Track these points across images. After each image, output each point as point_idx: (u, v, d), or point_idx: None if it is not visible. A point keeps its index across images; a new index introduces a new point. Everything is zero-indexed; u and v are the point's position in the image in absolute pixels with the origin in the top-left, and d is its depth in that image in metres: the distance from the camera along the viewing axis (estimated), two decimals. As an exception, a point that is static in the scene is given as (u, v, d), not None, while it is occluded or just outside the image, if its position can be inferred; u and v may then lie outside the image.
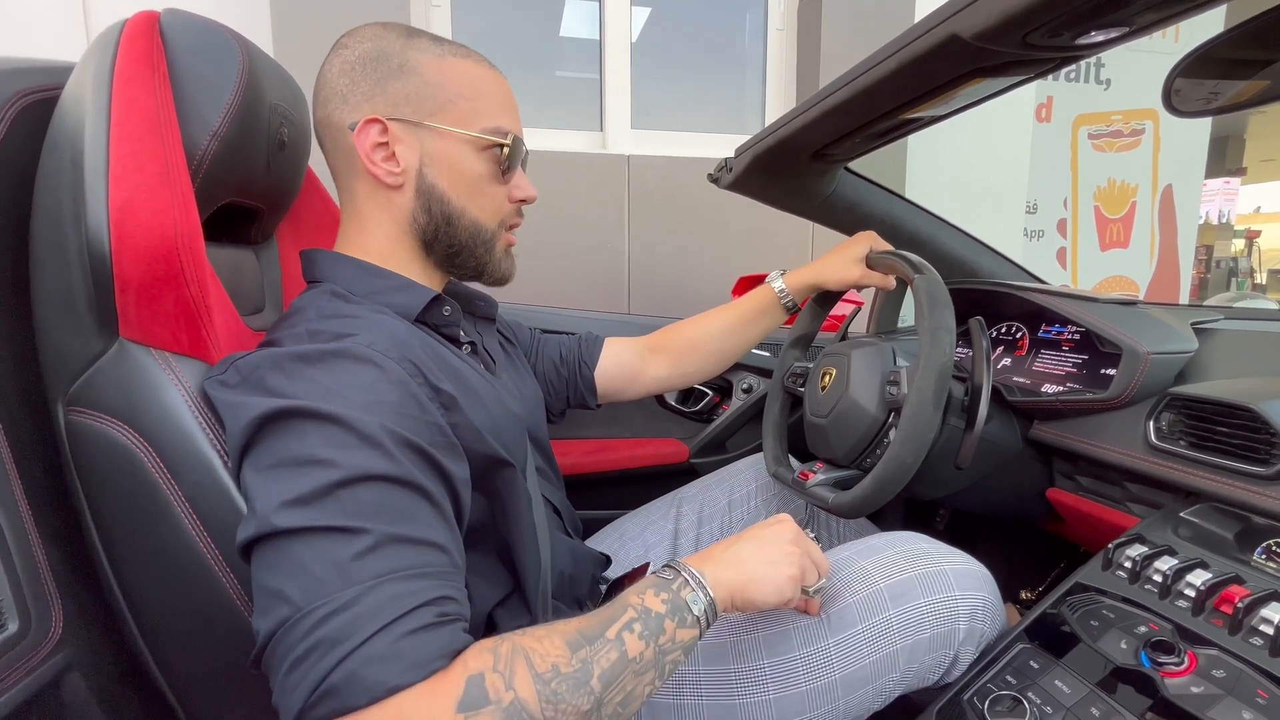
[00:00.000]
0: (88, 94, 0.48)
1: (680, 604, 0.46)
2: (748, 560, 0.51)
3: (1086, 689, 0.48)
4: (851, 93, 0.65)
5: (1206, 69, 0.58)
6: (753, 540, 0.52)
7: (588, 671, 0.40)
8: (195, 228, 0.48)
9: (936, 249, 1.02)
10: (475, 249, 0.60)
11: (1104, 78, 2.53)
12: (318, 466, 0.41)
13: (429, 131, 0.56)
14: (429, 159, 0.56)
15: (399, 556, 0.40)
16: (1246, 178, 6.84)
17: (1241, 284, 6.74)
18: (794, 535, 0.54)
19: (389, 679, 0.36)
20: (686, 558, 0.50)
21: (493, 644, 0.40)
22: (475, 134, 0.57)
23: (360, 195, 0.57)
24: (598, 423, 1.17)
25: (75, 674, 0.49)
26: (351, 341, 0.46)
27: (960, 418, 0.75)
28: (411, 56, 0.55)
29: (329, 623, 0.37)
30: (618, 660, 0.41)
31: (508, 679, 0.38)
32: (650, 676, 0.43)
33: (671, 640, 0.44)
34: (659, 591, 0.46)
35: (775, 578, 0.50)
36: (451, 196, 0.57)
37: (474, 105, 0.57)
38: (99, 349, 0.47)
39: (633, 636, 0.42)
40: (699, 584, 0.47)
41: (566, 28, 1.78)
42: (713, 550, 0.52)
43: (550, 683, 0.39)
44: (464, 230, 0.59)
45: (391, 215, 0.57)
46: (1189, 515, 0.62)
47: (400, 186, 0.56)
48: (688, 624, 0.45)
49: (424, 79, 0.55)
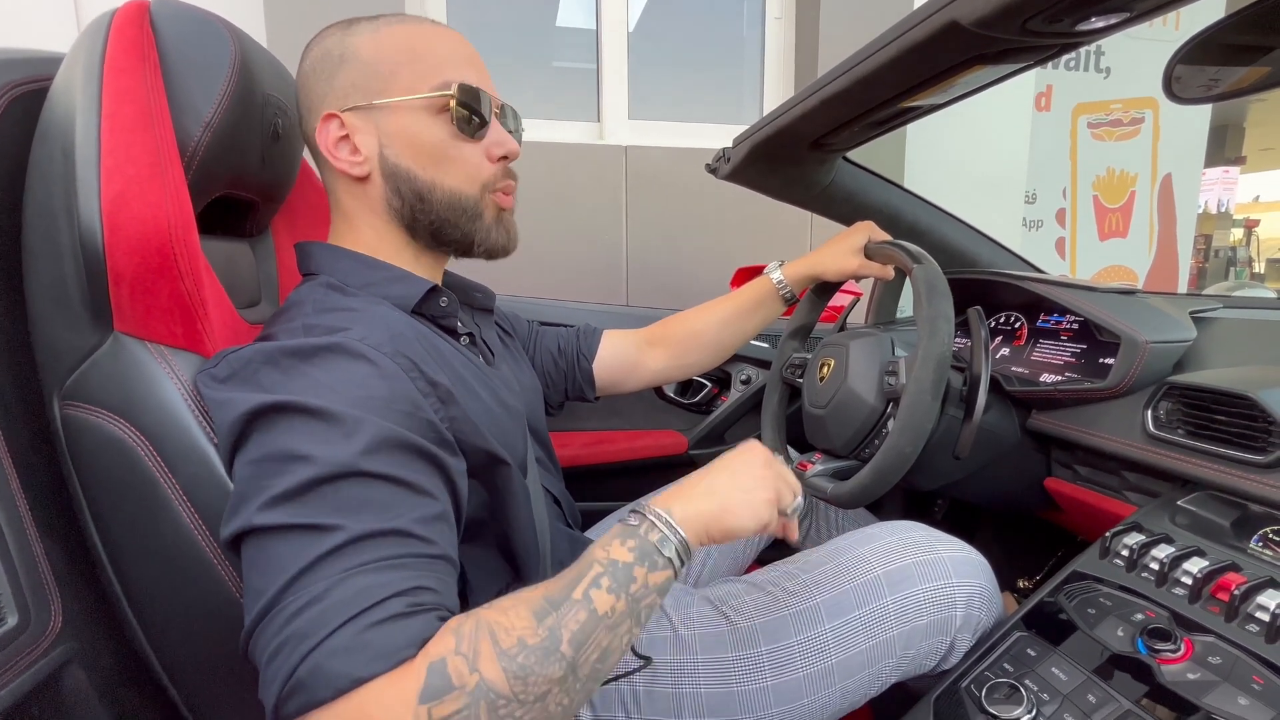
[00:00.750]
0: (78, 85, 0.47)
1: (649, 548, 0.44)
2: (721, 489, 0.48)
3: (1083, 676, 0.49)
4: (850, 81, 0.64)
5: (1207, 55, 0.57)
6: (724, 470, 0.50)
7: (556, 638, 0.39)
8: (189, 220, 0.48)
9: (935, 239, 1.01)
10: (459, 221, 0.57)
11: (1104, 66, 2.51)
12: (302, 462, 0.40)
13: (379, 111, 0.54)
14: (386, 139, 0.55)
15: (374, 549, 0.39)
16: (1246, 166, 6.83)
17: (1240, 273, 6.75)
18: (765, 459, 0.52)
19: (353, 670, 0.35)
20: (653, 498, 0.48)
21: (456, 623, 0.39)
22: (421, 96, 0.54)
23: (339, 194, 0.58)
24: (596, 415, 1.17)
25: (76, 667, 0.49)
26: (345, 336, 0.46)
27: (959, 408, 0.75)
28: (349, 43, 0.55)
29: (300, 617, 0.37)
30: (587, 620, 0.40)
31: (471, 660, 0.37)
32: (626, 627, 0.42)
33: (644, 587, 0.43)
34: (625, 539, 0.44)
35: (751, 503, 0.48)
36: (418, 171, 0.55)
37: (415, 68, 0.54)
38: (93, 342, 0.47)
39: (600, 592, 0.41)
40: (666, 524, 0.45)
41: (563, 17, 1.76)
42: (682, 486, 0.49)
43: (516, 658, 0.38)
44: (440, 203, 0.56)
45: (369, 206, 0.57)
46: (1186, 503, 0.62)
47: (368, 176, 0.55)
48: (659, 566, 0.44)
49: (363, 60, 0.54)
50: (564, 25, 1.76)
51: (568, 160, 1.59)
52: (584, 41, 1.74)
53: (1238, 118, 6.17)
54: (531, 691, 0.38)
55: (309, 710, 0.36)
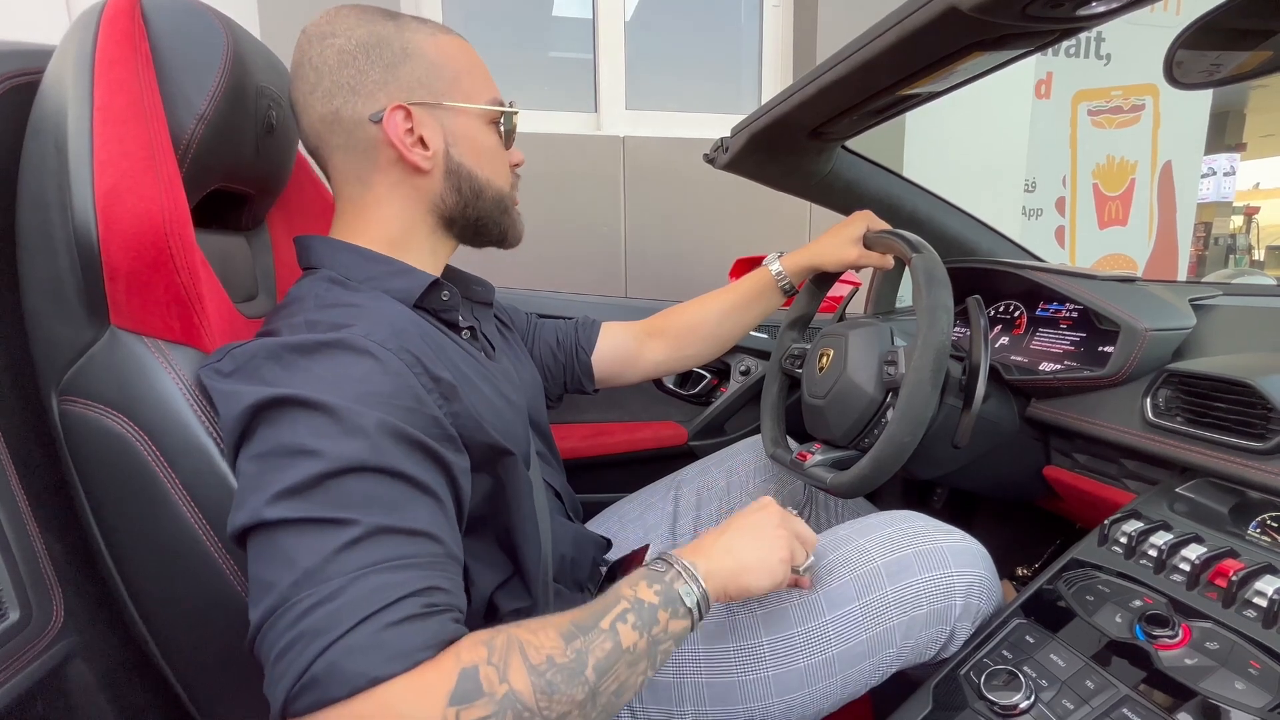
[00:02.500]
0: (69, 77, 0.47)
1: (673, 595, 0.46)
2: (739, 549, 0.51)
3: (1081, 662, 0.49)
4: (848, 69, 0.64)
5: (1208, 40, 0.57)
6: (741, 529, 0.53)
7: (582, 662, 0.40)
8: (184, 213, 0.48)
9: (935, 228, 1.01)
10: (499, 217, 0.63)
11: (1104, 52, 2.49)
12: (308, 457, 0.40)
13: (446, 111, 0.57)
14: (453, 138, 0.58)
15: (387, 547, 0.40)
16: (1246, 153, 6.80)
17: (1240, 260, 6.74)
18: (779, 519, 0.55)
19: (370, 670, 0.36)
20: (678, 550, 0.51)
21: (488, 636, 0.40)
22: (483, 107, 0.59)
23: (380, 186, 0.57)
24: (596, 407, 1.17)
25: (78, 662, 0.50)
26: (348, 332, 0.46)
27: (958, 397, 0.75)
28: (410, 39, 0.55)
29: (313, 614, 0.37)
30: (612, 650, 0.42)
31: (502, 671, 0.38)
32: (643, 666, 0.44)
33: (664, 630, 0.45)
34: (652, 583, 0.46)
35: (767, 562, 0.51)
36: (477, 171, 0.60)
37: (474, 80, 0.59)
38: (90, 338, 0.47)
39: (626, 627, 0.43)
40: (691, 576, 0.48)
41: (559, 7, 1.74)
42: (702, 542, 0.52)
43: (545, 674, 0.39)
44: (489, 201, 0.61)
45: (416, 200, 0.58)
46: (1185, 491, 0.62)
47: (430, 170, 0.57)
48: (680, 615, 0.46)
49: (429, 60, 0.56)
50: (560, 15, 1.75)
51: (565, 151, 1.58)
52: (580, 31, 1.73)
53: (1238, 104, 6.14)
54: (555, 709, 0.39)
55: (321, 707, 0.36)
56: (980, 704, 0.49)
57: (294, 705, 0.36)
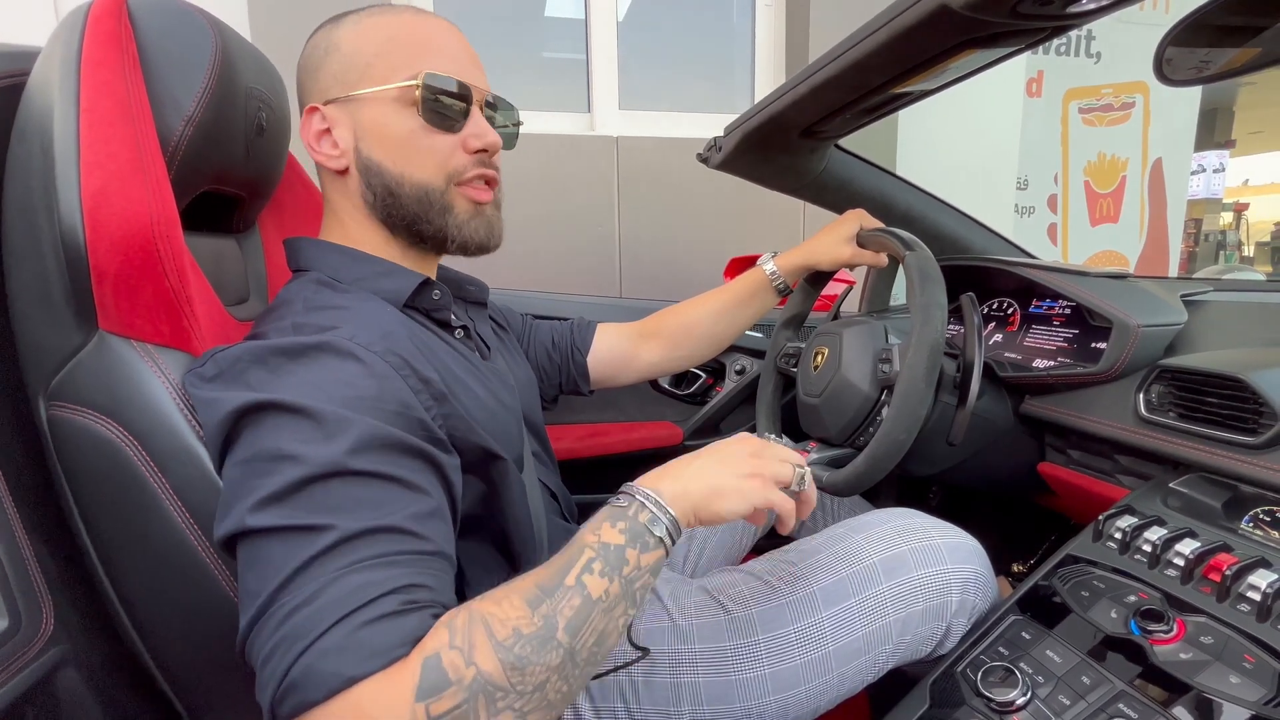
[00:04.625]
0: (55, 79, 0.47)
1: (640, 529, 0.43)
2: (710, 472, 0.48)
3: (1077, 658, 0.49)
4: (841, 67, 0.64)
5: (1198, 37, 0.57)
6: (713, 454, 0.50)
7: (552, 625, 0.38)
8: (172, 216, 0.47)
9: (928, 226, 1.01)
10: (430, 215, 0.55)
11: (1094, 51, 2.51)
12: (290, 462, 0.40)
13: (355, 103, 0.54)
14: (361, 132, 0.54)
15: (367, 547, 0.39)
16: (1235, 150, 6.85)
17: (1230, 257, 6.79)
18: (754, 448, 0.50)
19: (345, 670, 0.35)
20: (639, 479, 0.47)
21: (449, 617, 0.39)
22: (393, 86, 0.53)
23: (326, 188, 0.58)
24: (591, 407, 1.16)
25: (69, 669, 0.49)
26: (334, 335, 0.46)
27: (952, 394, 0.75)
28: (334, 36, 0.55)
29: (293, 618, 0.36)
30: (581, 605, 0.40)
31: (466, 653, 0.36)
32: (622, 609, 0.42)
33: (636, 569, 0.42)
34: (615, 521, 0.44)
35: (740, 488, 0.47)
36: (388, 165, 0.54)
37: (390, 59, 0.53)
38: (78, 342, 0.46)
39: (593, 577, 0.41)
40: (656, 504, 0.45)
41: (551, 7, 1.74)
42: (670, 467, 0.49)
43: (513, 648, 0.37)
44: (410, 198, 0.55)
45: (349, 200, 0.57)
46: (1178, 486, 0.62)
47: (346, 169, 0.55)
48: (651, 547, 0.43)
49: (343, 53, 0.54)
50: (553, 15, 1.74)
51: (559, 152, 1.58)
52: (573, 32, 1.72)
53: (1227, 101, 6.19)
54: (529, 681, 0.37)
55: (303, 711, 0.36)
56: (977, 700, 0.49)
57: (279, 710, 0.36)
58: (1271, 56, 0.55)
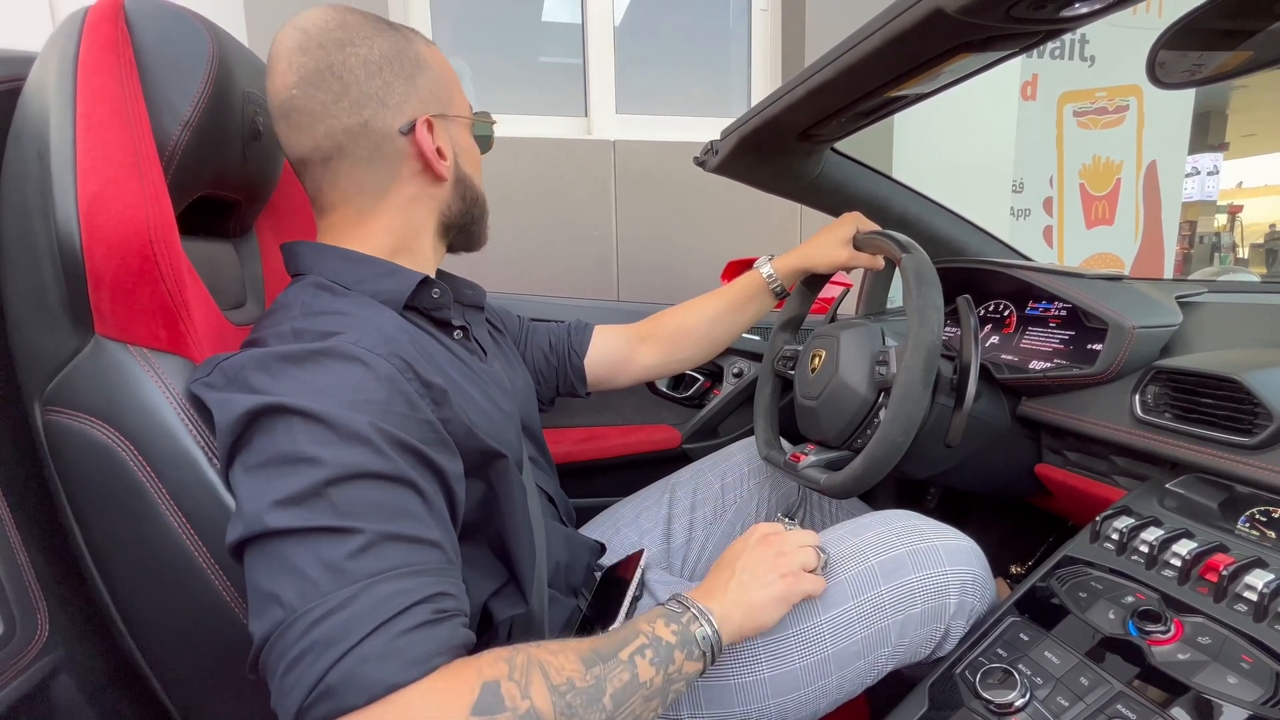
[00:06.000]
0: (51, 84, 0.47)
1: (690, 637, 0.47)
2: (747, 591, 0.52)
3: (1075, 659, 0.49)
4: (836, 71, 0.64)
5: (1190, 40, 0.58)
6: (744, 570, 0.54)
7: (601, 689, 0.41)
8: (169, 221, 0.47)
9: (924, 229, 1.02)
10: (483, 222, 0.66)
11: (1088, 54, 2.52)
12: (307, 465, 0.40)
13: (451, 122, 0.59)
14: (458, 148, 0.60)
15: (393, 554, 0.40)
16: (1229, 153, 6.90)
17: (1224, 258, 6.83)
18: (776, 548, 0.56)
19: (388, 677, 0.36)
20: (690, 592, 0.52)
21: (508, 653, 0.41)
22: (470, 117, 0.61)
23: (397, 197, 0.57)
24: (589, 410, 1.16)
25: (65, 676, 0.49)
26: (338, 340, 0.46)
27: (949, 396, 0.75)
28: (419, 50, 0.57)
29: (324, 623, 0.37)
30: (629, 682, 0.42)
31: (523, 688, 0.38)
32: (656, 704, 0.44)
33: (679, 670, 0.46)
34: (669, 622, 0.47)
35: (774, 595, 0.53)
36: (475, 179, 0.62)
37: (461, 91, 0.61)
38: (74, 347, 0.46)
39: (644, 661, 0.44)
40: (707, 620, 0.49)
41: (548, 12, 1.75)
42: (714, 586, 0.53)
43: (565, 695, 0.39)
44: (481, 208, 0.64)
45: (429, 210, 0.59)
46: (1174, 486, 0.63)
47: (446, 179, 0.59)
48: (694, 657, 0.47)
49: (435, 72, 0.58)
50: (549, 20, 1.75)
51: (556, 156, 1.58)
52: (570, 36, 1.73)
53: (1221, 104, 6.22)
54: None
55: (338, 716, 0.36)
56: (976, 702, 0.49)
57: (308, 716, 0.36)
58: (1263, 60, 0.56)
